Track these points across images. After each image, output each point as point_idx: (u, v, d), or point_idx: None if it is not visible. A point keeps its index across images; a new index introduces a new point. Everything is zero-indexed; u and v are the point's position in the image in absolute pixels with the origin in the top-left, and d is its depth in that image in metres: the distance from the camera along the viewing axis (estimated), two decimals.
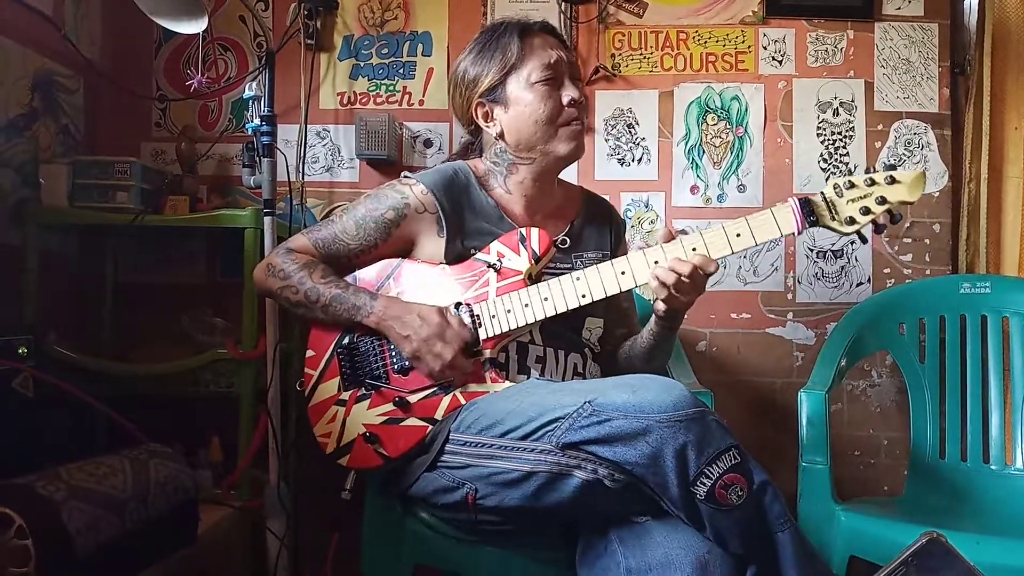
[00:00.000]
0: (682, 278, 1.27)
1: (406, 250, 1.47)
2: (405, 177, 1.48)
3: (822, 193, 1.30)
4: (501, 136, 1.47)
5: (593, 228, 1.57)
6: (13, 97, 1.94)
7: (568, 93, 1.43)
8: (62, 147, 2.12)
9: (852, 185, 1.28)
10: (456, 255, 1.43)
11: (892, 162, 1.29)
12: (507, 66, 1.43)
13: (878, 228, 1.29)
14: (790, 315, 2.25)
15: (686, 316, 1.48)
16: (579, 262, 1.50)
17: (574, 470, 1.15)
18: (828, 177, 2.26)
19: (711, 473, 1.07)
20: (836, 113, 2.27)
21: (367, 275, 1.46)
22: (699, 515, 1.10)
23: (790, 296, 2.26)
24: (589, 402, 1.15)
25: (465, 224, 1.45)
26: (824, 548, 1.60)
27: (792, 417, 1.81)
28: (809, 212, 1.28)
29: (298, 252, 1.46)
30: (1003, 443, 1.88)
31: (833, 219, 1.29)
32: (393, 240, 1.45)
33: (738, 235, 1.30)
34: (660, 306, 1.36)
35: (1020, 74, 2.14)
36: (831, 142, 2.26)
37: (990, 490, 1.82)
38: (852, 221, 1.28)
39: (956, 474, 1.87)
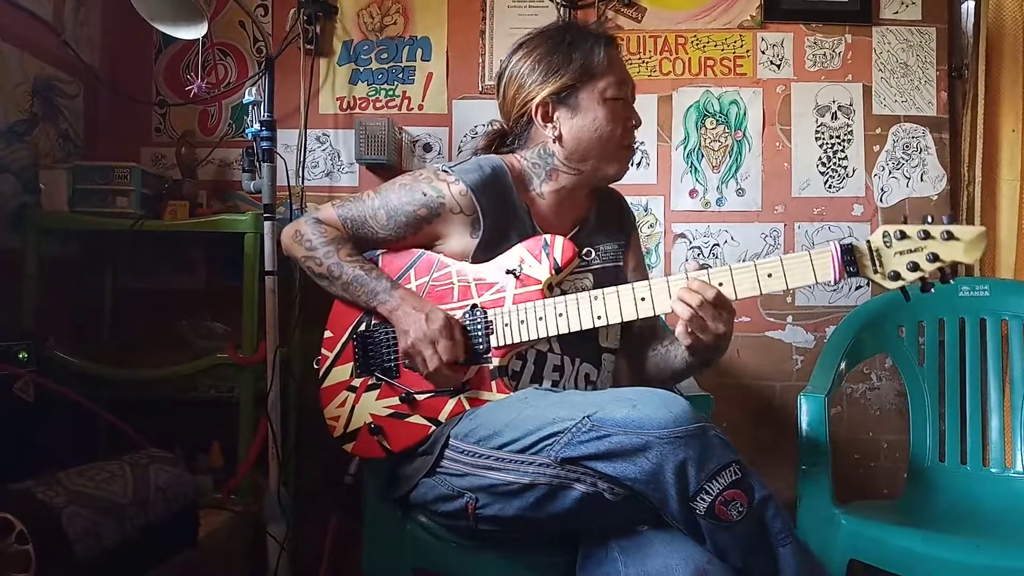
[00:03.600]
0: (698, 312, 1.20)
1: (433, 243, 1.45)
2: (444, 172, 1.42)
3: (868, 241, 1.20)
4: (558, 140, 1.42)
5: (606, 222, 1.55)
6: (13, 102, 1.95)
7: (635, 116, 1.44)
8: (62, 152, 2.12)
9: (903, 236, 1.17)
10: (480, 259, 1.40)
11: (952, 215, 1.19)
12: (587, 73, 1.39)
13: (925, 286, 1.18)
14: (789, 318, 2.26)
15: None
16: (596, 256, 1.48)
17: (574, 483, 1.15)
18: (827, 180, 2.26)
19: (711, 489, 1.06)
20: (834, 117, 2.27)
21: (390, 261, 1.46)
22: (699, 529, 1.10)
23: (789, 299, 2.26)
24: (588, 416, 1.14)
25: (500, 227, 1.41)
26: (824, 551, 1.60)
27: (792, 420, 1.82)
28: (850, 261, 1.19)
29: (326, 224, 1.45)
30: (1003, 446, 1.88)
31: (876, 272, 1.19)
32: (422, 235, 1.44)
33: (769, 275, 1.22)
34: (686, 341, 1.27)
35: (1016, 77, 2.14)
36: (829, 146, 2.27)
37: (990, 493, 1.82)
38: (897, 276, 1.18)
39: (955, 477, 1.87)
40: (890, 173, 2.26)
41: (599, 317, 1.31)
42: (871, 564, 1.57)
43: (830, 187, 2.27)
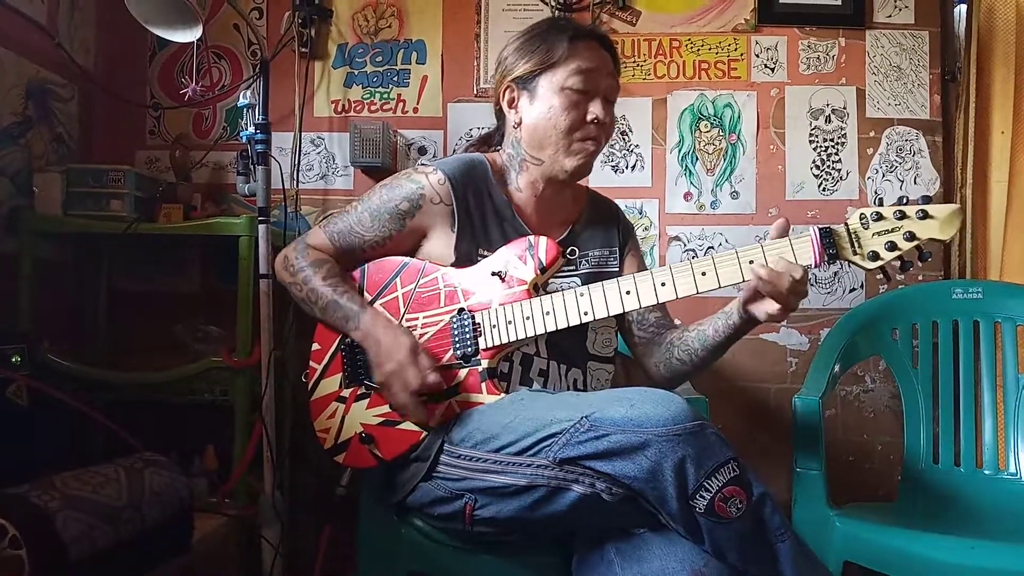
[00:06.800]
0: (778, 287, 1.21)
1: (419, 241, 1.45)
2: (422, 165, 1.45)
3: (846, 223, 1.22)
4: (518, 126, 1.45)
5: (598, 228, 1.55)
6: (7, 105, 1.94)
7: (594, 110, 1.39)
8: (56, 155, 2.12)
9: (880, 217, 1.20)
10: (465, 253, 1.41)
11: (928, 194, 1.22)
12: (547, 62, 1.40)
13: (904, 266, 1.21)
14: (784, 321, 2.26)
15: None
16: (583, 261, 1.49)
17: (572, 484, 1.15)
18: (821, 183, 2.27)
19: (710, 486, 1.06)
20: (828, 120, 2.28)
21: (376, 271, 1.46)
22: (698, 528, 1.10)
23: None
24: (587, 417, 1.13)
25: (478, 220, 1.42)
26: (819, 554, 1.58)
27: (786, 423, 1.82)
28: (829, 243, 1.21)
29: (314, 247, 1.46)
30: (996, 448, 1.89)
31: (855, 253, 1.21)
32: (408, 231, 1.43)
33: (751, 262, 1.24)
34: (772, 307, 1.26)
35: (1007, 79, 2.15)
36: (823, 149, 2.28)
37: (983, 495, 1.83)
38: (876, 256, 1.20)
39: (950, 479, 1.88)
40: (884, 176, 2.27)
41: (585, 313, 1.31)
42: (866, 566, 1.58)
43: (824, 190, 2.27)
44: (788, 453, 1.76)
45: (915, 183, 2.26)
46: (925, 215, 1.18)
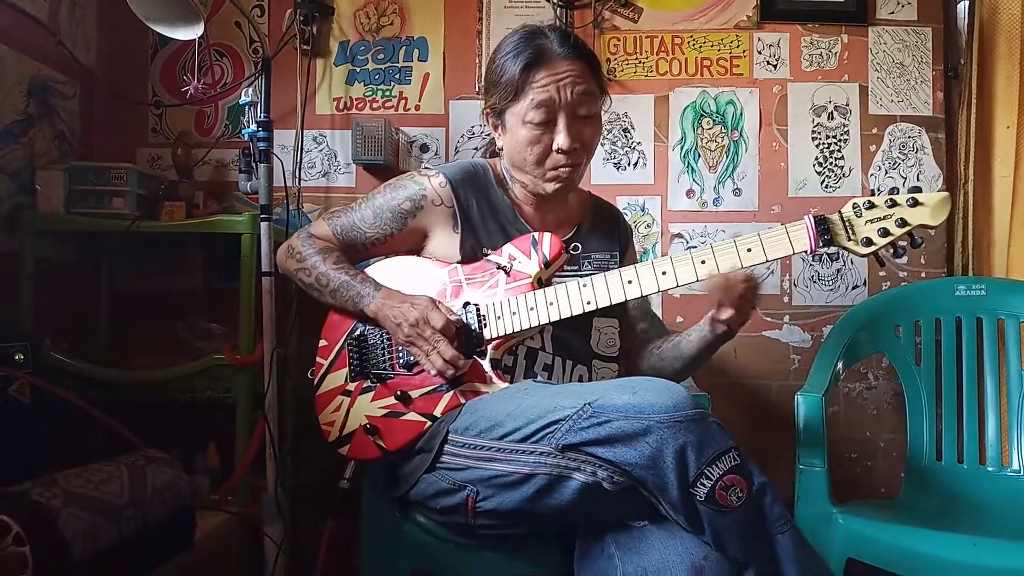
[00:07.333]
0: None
1: (420, 242, 1.48)
2: (425, 168, 1.49)
3: (840, 212, 1.27)
4: (501, 150, 1.48)
5: (601, 231, 1.57)
6: (9, 103, 1.94)
7: (558, 142, 1.37)
8: (58, 153, 2.12)
9: (872, 205, 1.25)
10: (470, 252, 1.43)
11: (919, 186, 1.27)
12: (508, 95, 1.39)
13: (897, 252, 1.25)
14: (786, 318, 2.26)
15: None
16: (586, 263, 1.51)
17: (573, 472, 1.15)
18: (823, 180, 2.27)
19: (711, 474, 1.07)
20: (831, 117, 2.28)
21: (381, 270, 1.48)
22: (698, 518, 1.10)
23: (786, 299, 2.26)
24: (589, 404, 1.15)
25: (481, 220, 1.45)
26: (822, 551, 1.58)
27: (789, 420, 1.82)
28: (824, 230, 1.25)
29: (318, 237, 1.49)
30: (999, 445, 1.88)
31: (849, 239, 1.25)
32: (409, 231, 1.46)
33: (749, 250, 1.27)
34: (726, 313, 1.37)
35: (1011, 73, 2.14)
36: (826, 146, 2.27)
37: (986, 492, 1.83)
38: (869, 242, 1.24)
39: (953, 476, 1.88)
40: (886, 173, 2.26)
41: (588, 302, 1.34)
42: (869, 563, 1.58)
43: (827, 187, 2.27)
44: (791, 450, 1.76)
45: (918, 180, 2.26)
46: (915, 203, 1.23)
